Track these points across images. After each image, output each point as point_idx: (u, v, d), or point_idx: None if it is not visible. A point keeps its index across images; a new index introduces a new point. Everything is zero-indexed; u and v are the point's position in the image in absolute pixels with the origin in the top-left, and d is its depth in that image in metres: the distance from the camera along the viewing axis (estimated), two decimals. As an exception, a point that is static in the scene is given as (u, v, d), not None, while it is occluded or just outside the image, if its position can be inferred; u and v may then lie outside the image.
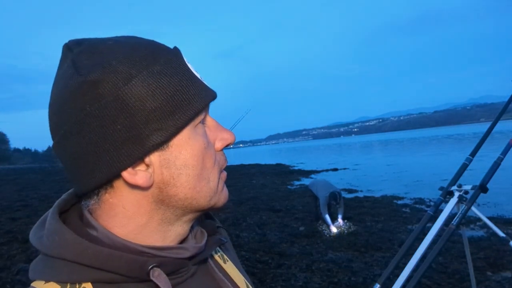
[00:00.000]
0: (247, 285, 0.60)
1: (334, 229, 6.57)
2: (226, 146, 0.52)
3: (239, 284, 0.58)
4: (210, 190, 0.49)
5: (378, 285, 2.28)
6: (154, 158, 0.45)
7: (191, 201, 0.48)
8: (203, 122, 0.49)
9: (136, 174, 0.45)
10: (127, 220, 0.47)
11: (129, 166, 0.44)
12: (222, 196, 0.52)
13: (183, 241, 0.53)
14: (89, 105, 0.42)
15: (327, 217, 6.72)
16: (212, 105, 0.51)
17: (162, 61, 0.45)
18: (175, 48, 0.49)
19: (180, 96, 0.45)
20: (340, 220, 6.79)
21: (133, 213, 0.47)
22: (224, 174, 0.53)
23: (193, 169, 0.47)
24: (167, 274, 0.46)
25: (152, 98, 0.43)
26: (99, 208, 0.48)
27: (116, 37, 0.47)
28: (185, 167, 0.47)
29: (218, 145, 0.51)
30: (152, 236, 0.48)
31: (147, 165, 0.45)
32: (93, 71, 0.42)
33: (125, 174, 0.44)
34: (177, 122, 0.45)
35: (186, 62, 0.48)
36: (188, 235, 0.53)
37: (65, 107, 0.43)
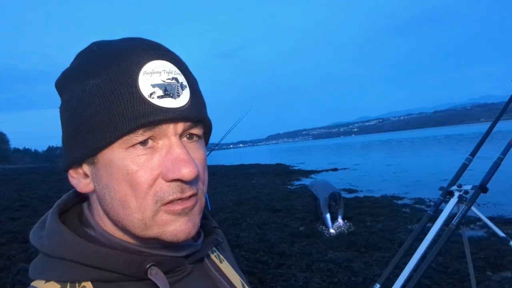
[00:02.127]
0: (243, 285, 0.61)
1: (332, 231, 6.57)
2: (177, 181, 0.44)
3: (235, 283, 0.59)
4: (139, 221, 0.44)
5: (378, 285, 2.28)
6: (88, 169, 0.47)
7: (122, 226, 0.46)
8: (146, 144, 0.44)
9: (75, 178, 0.48)
10: (102, 219, 0.49)
11: (70, 168, 0.48)
12: (167, 231, 0.45)
13: None
14: (60, 104, 0.48)
15: (328, 217, 6.72)
16: (213, 105, 0.49)
17: (101, 74, 0.43)
18: (140, 57, 0.44)
19: (102, 115, 0.42)
20: (340, 220, 6.79)
21: (98, 214, 0.50)
22: (175, 207, 0.45)
23: (115, 193, 0.44)
24: (164, 273, 0.47)
25: (79, 111, 0.44)
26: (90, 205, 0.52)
27: (112, 41, 0.48)
28: (107, 188, 0.45)
29: (165, 176, 0.44)
30: (129, 239, 0.49)
31: (85, 174, 0.48)
32: (62, 76, 0.48)
33: (68, 174, 0.49)
34: (96, 141, 0.43)
35: (139, 75, 0.43)
36: None
37: None
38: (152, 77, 0.43)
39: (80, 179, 0.48)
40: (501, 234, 2.41)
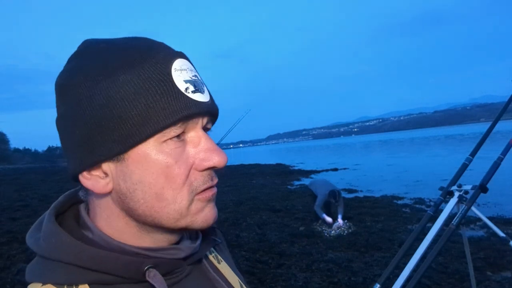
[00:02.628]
0: (241, 285, 0.61)
1: (329, 219, 6.71)
2: (212, 169, 0.48)
3: (233, 284, 0.59)
4: (175, 212, 0.46)
5: (378, 285, 2.28)
6: (111, 167, 0.45)
7: (153, 219, 0.46)
8: (180, 137, 0.46)
9: (90, 180, 0.46)
10: (110, 221, 0.48)
11: (83, 170, 0.45)
12: (199, 218, 0.47)
13: (177, 241, 0.53)
14: (62, 105, 0.46)
15: (321, 211, 6.85)
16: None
17: (132, 70, 0.43)
18: (167, 55, 0.46)
19: (140, 110, 0.42)
20: (340, 220, 6.80)
21: (108, 215, 0.48)
22: (207, 194, 0.48)
23: (150, 187, 0.45)
24: (163, 275, 0.46)
25: (108, 108, 0.42)
26: (90, 207, 0.50)
27: (116, 39, 0.48)
28: (140, 183, 0.45)
29: (200, 166, 0.47)
30: (140, 238, 0.49)
31: (105, 173, 0.46)
32: (68, 75, 0.46)
33: (80, 177, 0.46)
34: (134, 136, 0.43)
35: (172, 72, 0.45)
36: (183, 235, 0.54)
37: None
38: (182, 74, 0.45)
39: (97, 179, 0.46)
40: (501, 234, 2.41)
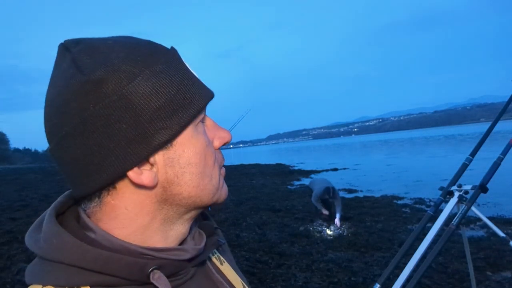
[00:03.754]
0: (243, 287, 0.60)
1: (326, 212, 6.90)
2: (224, 145, 0.54)
3: (236, 286, 0.58)
4: (213, 187, 0.50)
5: (378, 285, 2.28)
6: (158, 157, 0.46)
7: (195, 199, 0.49)
8: (202, 121, 0.50)
9: (142, 174, 0.45)
10: (129, 221, 0.47)
11: (135, 166, 0.44)
12: (223, 192, 0.53)
13: (182, 242, 0.52)
14: (92, 104, 0.41)
15: (318, 204, 7.09)
16: (213, 105, 0.51)
17: (162, 60, 0.46)
18: (173, 48, 0.49)
19: (182, 95, 0.45)
20: (337, 221, 6.79)
21: (135, 214, 0.47)
22: (223, 170, 0.54)
23: (196, 167, 0.48)
24: (167, 276, 0.45)
25: (156, 97, 0.43)
26: (100, 210, 0.47)
27: (114, 37, 0.47)
28: (188, 165, 0.47)
29: (216, 143, 0.52)
30: (153, 237, 0.48)
31: (152, 164, 0.46)
32: (95, 70, 0.42)
33: (130, 174, 0.44)
34: (181, 120, 0.45)
35: (184, 62, 0.49)
36: (187, 236, 0.53)
37: (67, 108, 0.42)
38: (187, 64, 0.50)
39: (148, 173, 0.45)
40: (501, 234, 2.41)
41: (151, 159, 0.45)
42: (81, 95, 0.42)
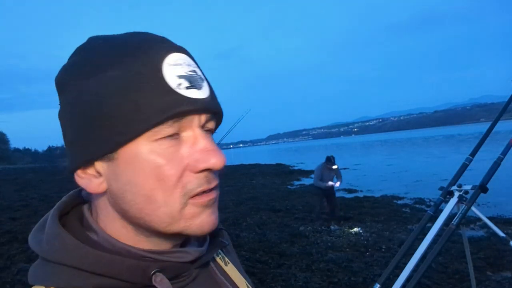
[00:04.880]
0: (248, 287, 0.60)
1: (330, 183, 7.18)
2: (209, 171, 0.45)
3: (240, 287, 0.57)
4: (166, 215, 0.43)
5: (378, 285, 2.28)
6: (104, 167, 0.44)
7: (144, 222, 0.44)
8: (174, 136, 0.43)
9: (84, 178, 0.45)
10: (108, 222, 0.47)
11: (77, 168, 0.45)
12: (194, 224, 0.45)
13: (184, 244, 0.52)
14: (61, 100, 0.45)
15: (320, 182, 7.24)
16: None
17: (121, 66, 0.42)
18: (161, 49, 0.44)
19: (127, 107, 0.41)
20: (337, 183, 7.23)
21: (106, 216, 0.47)
22: (203, 199, 0.45)
23: (140, 188, 0.43)
24: (169, 279, 0.45)
25: (97, 105, 0.41)
26: (91, 207, 0.50)
27: (117, 35, 0.47)
28: (129, 184, 0.43)
29: (195, 167, 0.44)
30: (139, 242, 0.47)
31: (98, 173, 0.44)
32: (66, 70, 0.45)
33: (75, 175, 0.45)
34: (122, 135, 0.41)
35: (163, 67, 0.42)
36: (189, 238, 0.52)
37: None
38: (176, 69, 0.43)
39: (91, 179, 0.44)
40: (501, 234, 2.41)
41: (98, 167, 0.44)
42: (57, 91, 0.47)
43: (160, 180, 0.42)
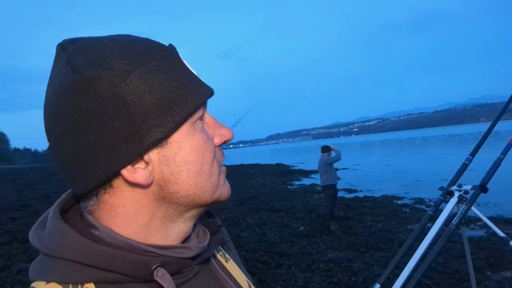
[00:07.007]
0: (249, 284, 0.60)
1: (333, 147, 7.80)
2: (225, 142, 0.53)
3: (241, 283, 0.58)
4: (212, 184, 0.49)
5: (378, 285, 2.28)
6: (153, 155, 0.45)
7: (194, 197, 0.48)
8: (201, 118, 0.49)
9: (136, 172, 0.44)
10: (129, 220, 0.47)
11: (128, 164, 0.43)
12: (224, 190, 0.52)
13: (186, 240, 0.52)
14: (85, 103, 0.41)
15: (335, 176, 7.63)
16: (213, 105, 0.51)
17: (158, 57, 0.45)
18: (170, 45, 0.49)
19: (178, 92, 0.45)
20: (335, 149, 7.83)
21: (134, 212, 0.47)
22: (224, 168, 0.53)
23: (194, 165, 0.47)
24: (171, 274, 0.45)
25: (149, 94, 0.43)
26: (99, 209, 0.47)
27: (111, 35, 0.47)
28: (185, 163, 0.46)
29: (216, 140, 0.51)
30: (154, 235, 0.48)
31: (146, 163, 0.45)
32: (88, 68, 0.42)
33: (124, 172, 0.44)
34: (176, 118, 0.44)
35: (182, 59, 0.48)
36: (190, 234, 0.53)
37: (61, 107, 0.43)
38: (185, 61, 0.49)
39: (142, 171, 0.45)
40: (501, 234, 2.41)
41: (146, 157, 0.45)
42: (74, 94, 0.42)
43: (206, 154, 0.49)
